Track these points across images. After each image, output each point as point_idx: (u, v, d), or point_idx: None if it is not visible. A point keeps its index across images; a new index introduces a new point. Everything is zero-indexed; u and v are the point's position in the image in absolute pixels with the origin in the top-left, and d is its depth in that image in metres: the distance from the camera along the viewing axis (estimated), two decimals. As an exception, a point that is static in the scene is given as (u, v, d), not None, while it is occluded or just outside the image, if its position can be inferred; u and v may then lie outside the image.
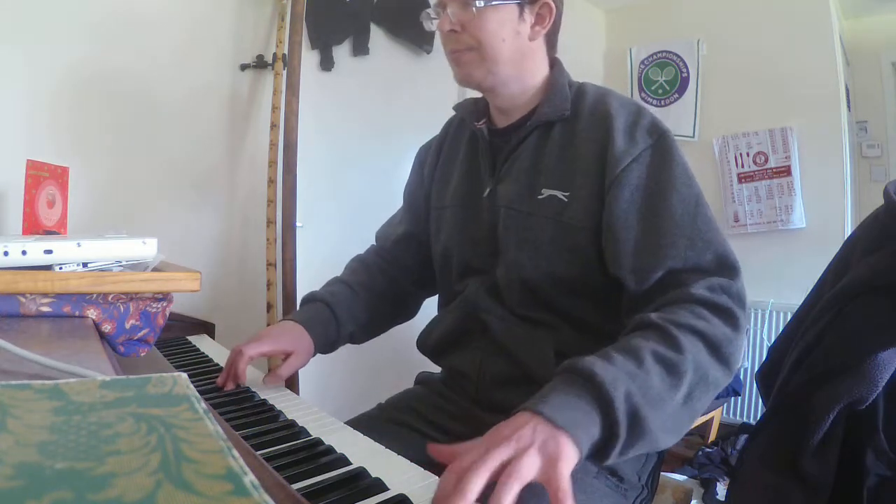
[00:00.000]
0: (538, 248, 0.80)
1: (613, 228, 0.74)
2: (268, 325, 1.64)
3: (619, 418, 0.54)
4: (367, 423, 0.86)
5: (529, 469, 0.48)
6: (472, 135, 0.93)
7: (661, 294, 0.71)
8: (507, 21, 0.79)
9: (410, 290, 1.05)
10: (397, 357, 1.79)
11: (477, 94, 0.91)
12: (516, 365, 0.80)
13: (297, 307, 0.98)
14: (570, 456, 0.50)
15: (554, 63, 0.88)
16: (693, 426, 2.39)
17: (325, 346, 0.93)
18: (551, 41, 0.86)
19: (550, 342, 0.79)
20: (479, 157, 0.91)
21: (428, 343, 0.96)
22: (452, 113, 1.02)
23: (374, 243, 1.10)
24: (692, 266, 0.71)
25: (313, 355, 0.90)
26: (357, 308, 0.97)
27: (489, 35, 0.79)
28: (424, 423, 0.90)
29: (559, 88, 0.84)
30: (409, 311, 1.08)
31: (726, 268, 0.72)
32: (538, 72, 0.85)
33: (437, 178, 0.99)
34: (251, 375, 0.85)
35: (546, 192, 0.80)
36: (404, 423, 0.91)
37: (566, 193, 0.78)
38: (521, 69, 0.83)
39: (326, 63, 1.91)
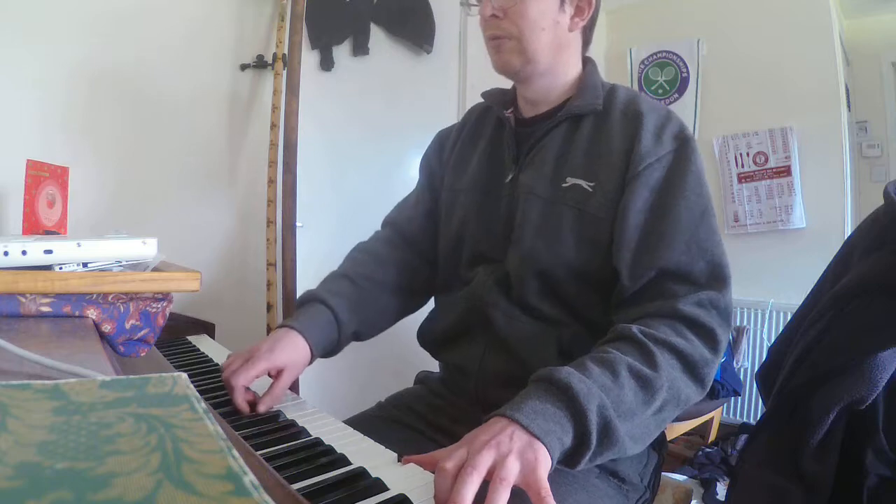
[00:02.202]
0: (557, 237, 0.79)
1: (623, 221, 0.75)
2: (268, 325, 1.64)
3: (590, 429, 0.57)
4: (367, 423, 0.86)
5: (513, 473, 0.50)
6: (497, 123, 0.93)
7: (650, 300, 0.72)
8: (548, 10, 0.80)
9: (426, 274, 1.00)
10: (398, 356, 1.80)
11: (501, 85, 0.92)
12: (518, 363, 0.80)
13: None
14: (546, 462, 0.53)
15: (587, 62, 0.89)
16: (693, 426, 2.38)
17: (325, 350, 0.87)
18: (587, 37, 0.88)
19: (554, 340, 0.79)
20: (503, 144, 0.90)
21: (429, 337, 0.94)
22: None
23: (381, 230, 1.05)
24: (684, 272, 0.72)
25: (311, 362, 0.84)
26: (361, 304, 0.91)
27: (530, 22, 0.79)
28: (423, 423, 0.90)
29: (592, 85, 0.85)
30: (421, 299, 1.03)
31: (718, 279, 0.73)
32: (572, 67, 0.86)
33: (453, 162, 0.98)
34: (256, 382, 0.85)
35: (570, 181, 0.80)
36: (403, 422, 0.90)
37: (591, 184, 0.79)
38: (556, 61, 0.84)
39: (326, 63, 1.91)
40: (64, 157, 1.18)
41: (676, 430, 2.11)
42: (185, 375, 0.36)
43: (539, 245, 0.80)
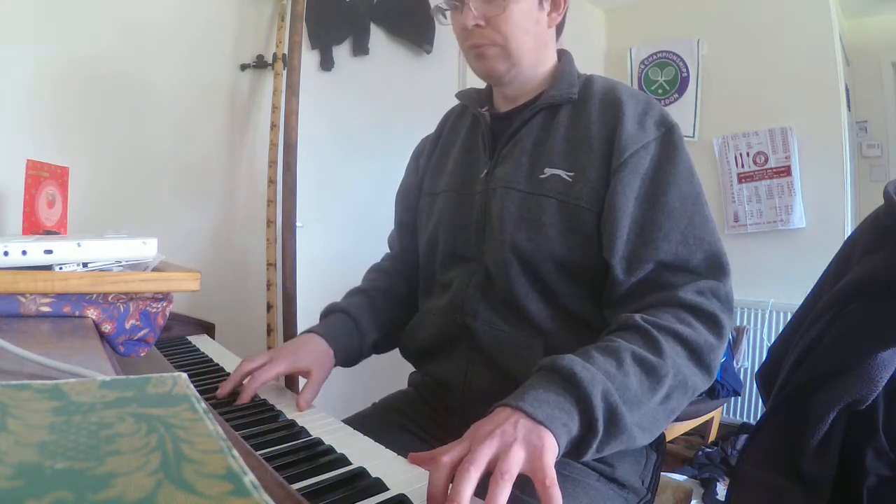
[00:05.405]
0: (539, 228, 0.77)
1: (613, 212, 0.73)
2: (268, 325, 1.64)
3: (596, 416, 0.56)
4: (363, 423, 0.85)
5: (517, 463, 0.49)
6: (473, 121, 0.92)
7: (648, 292, 0.71)
8: (530, 10, 0.79)
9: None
10: (397, 356, 1.79)
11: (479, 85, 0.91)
12: (503, 376, 0.77)
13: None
14: (552, 448, 0.51)
15: (562, 54, 0.88)
16: (693, 426, 2.37)
17: (348, 357, 0.88)
18: (559, 30, 0.87)
19: (539, 350, 0.76)
20: (478, 141, 0.89)
21: (411, 347, 0.92)
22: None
23: (389, 251, 1.08)
24: (681, 263, 0.71)
25: (333, 367, 0.85)
26: (378, 315, 0.94)
27: (514, 27, 0.78)
28: (416, 425, 0.89)
29: (568, 75, 0.84)
30: None
31: (716, 269, 0.72)
32: (548, 60, 0.86)
33: (431, 167, 0.97)
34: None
35: (548, 172, 0.78)
36: (398, 424, 0.89)
37: (570, 174, 0.77)
38: (537, 58, 0.83)
39: (326, 63, 1.91)
40: (64, 157, 1.18)
41: (676, 430, 2.11)
42: (185, 375, 0.36)
43: (520, 236, 0.78)
